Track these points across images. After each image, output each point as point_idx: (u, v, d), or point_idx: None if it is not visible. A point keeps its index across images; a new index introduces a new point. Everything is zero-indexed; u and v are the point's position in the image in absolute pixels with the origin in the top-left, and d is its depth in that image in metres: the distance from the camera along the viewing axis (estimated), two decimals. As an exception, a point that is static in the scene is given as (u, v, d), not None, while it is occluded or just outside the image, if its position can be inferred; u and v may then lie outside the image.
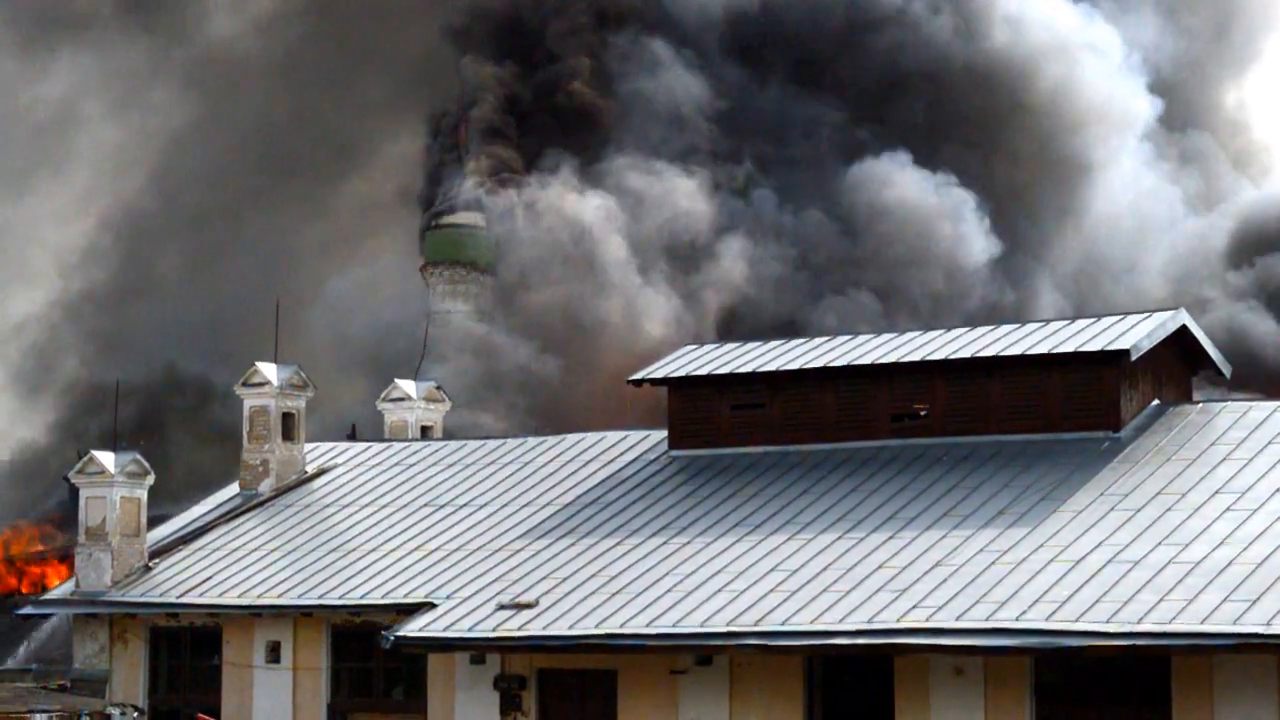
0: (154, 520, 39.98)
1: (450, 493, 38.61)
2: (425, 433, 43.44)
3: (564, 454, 39.20)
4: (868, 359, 36.68)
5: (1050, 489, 32.82)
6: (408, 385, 44.22)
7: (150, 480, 38.81)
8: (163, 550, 38.73)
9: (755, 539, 33.25)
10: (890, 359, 36.43)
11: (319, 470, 41.36)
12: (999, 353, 35.70)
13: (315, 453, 42.15)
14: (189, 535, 39.32)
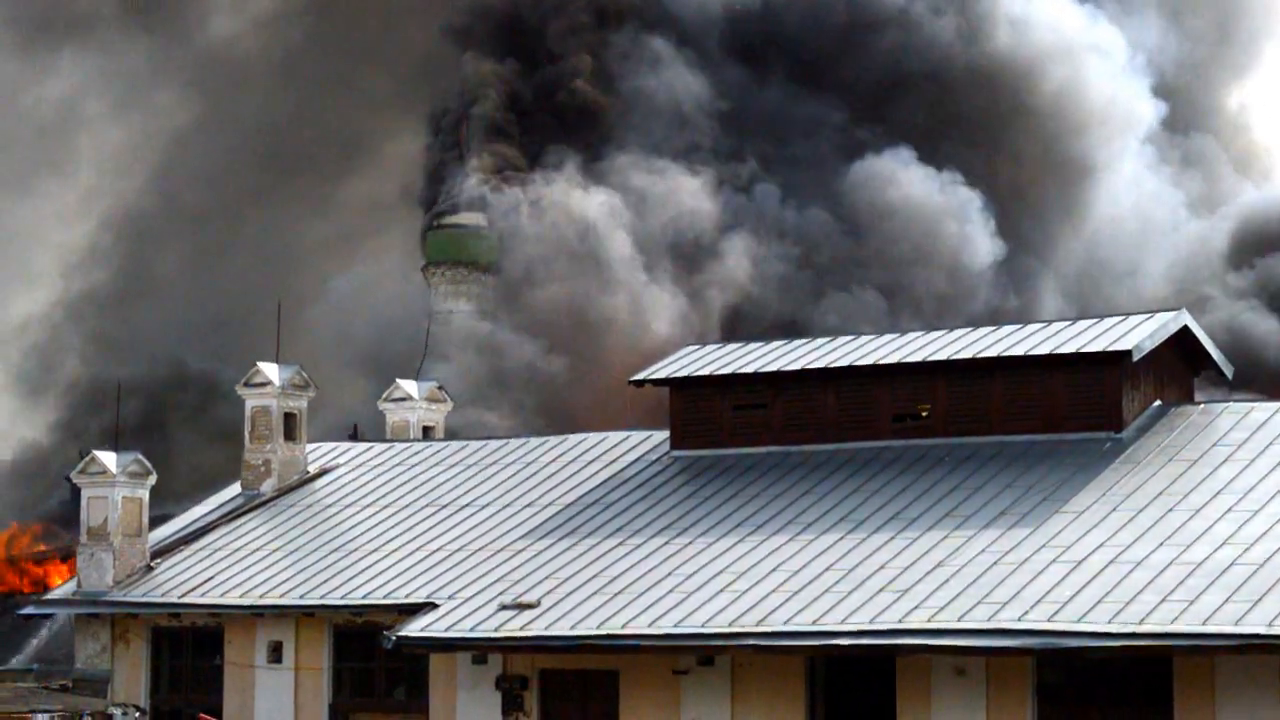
0: (156, 520, 39.98)
1: (452, 493, 38.58)
2: (427, 433, 43.42)
3: (566, 454, 39.17)
4: (869, 359, 36.63)
5: (1052, 490, 32.77)
6: (409, 385, 44.22)
7: (152, 480, 38.80)
8: (164, 550, 38.70)
9: (757, 539, 33.21)
10: (892, 359, 36.38)
11: (321, 470, 41.34)
12: (1001, 353, 35.64)
13: (317, 453, 42.14)
14: (191, 535, 39.30)
